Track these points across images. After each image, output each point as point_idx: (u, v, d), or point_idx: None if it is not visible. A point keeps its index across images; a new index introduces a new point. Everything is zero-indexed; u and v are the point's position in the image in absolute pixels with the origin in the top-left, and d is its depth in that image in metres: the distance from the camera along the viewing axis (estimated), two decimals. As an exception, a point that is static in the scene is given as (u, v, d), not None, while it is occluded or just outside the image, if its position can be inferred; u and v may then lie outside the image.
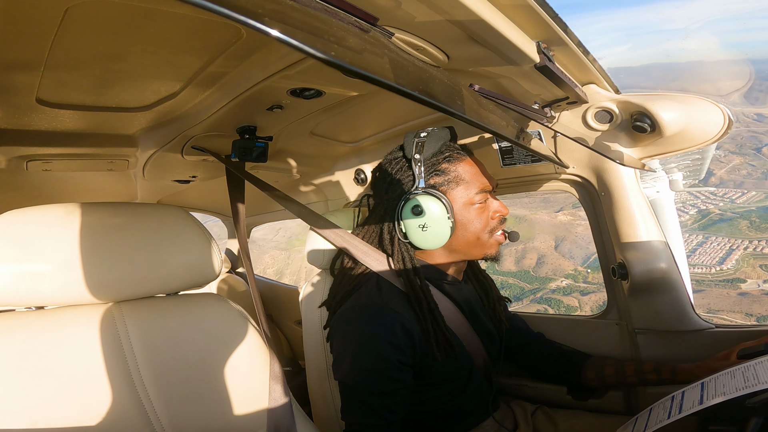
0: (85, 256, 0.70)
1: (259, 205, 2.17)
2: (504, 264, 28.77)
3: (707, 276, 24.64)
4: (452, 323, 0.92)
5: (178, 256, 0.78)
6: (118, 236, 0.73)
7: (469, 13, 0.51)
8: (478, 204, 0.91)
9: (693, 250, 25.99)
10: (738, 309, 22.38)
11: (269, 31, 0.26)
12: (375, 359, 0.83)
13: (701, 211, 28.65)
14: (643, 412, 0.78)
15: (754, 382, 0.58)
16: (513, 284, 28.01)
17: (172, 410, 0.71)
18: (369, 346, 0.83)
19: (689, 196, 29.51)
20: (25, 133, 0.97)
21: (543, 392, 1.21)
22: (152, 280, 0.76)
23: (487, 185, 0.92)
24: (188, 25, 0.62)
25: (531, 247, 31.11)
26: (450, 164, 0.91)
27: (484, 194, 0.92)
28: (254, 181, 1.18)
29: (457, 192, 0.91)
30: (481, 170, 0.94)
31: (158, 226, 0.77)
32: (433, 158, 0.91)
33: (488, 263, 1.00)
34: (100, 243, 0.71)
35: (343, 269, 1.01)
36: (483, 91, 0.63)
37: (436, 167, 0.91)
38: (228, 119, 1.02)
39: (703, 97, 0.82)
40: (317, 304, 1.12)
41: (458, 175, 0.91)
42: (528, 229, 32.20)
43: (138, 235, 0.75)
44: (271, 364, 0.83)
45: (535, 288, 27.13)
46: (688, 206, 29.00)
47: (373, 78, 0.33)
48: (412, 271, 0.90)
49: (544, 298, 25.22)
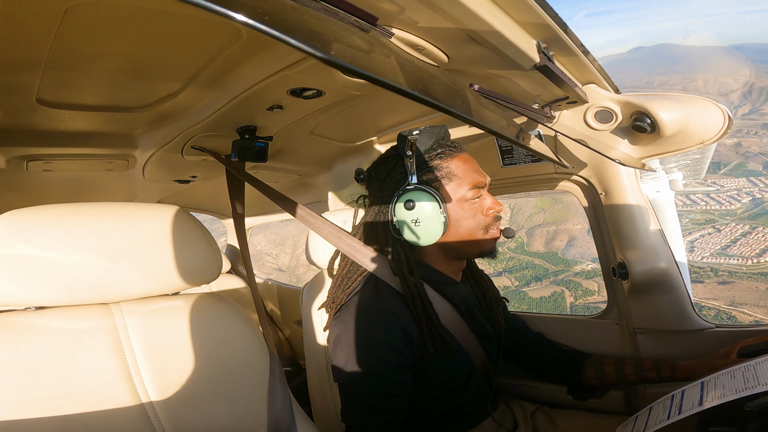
0: (85, 256, 0.70)
1: (259, 205, 2.16)
2: (533, 244, 28.60)
3: (741, 268, 24.13)
4: (449, 324, 0.92)
5: (178, 256, 0.78)
6: (118, 236, 0.73)
7: (469, 13, 0.50)
8: (471, 200, 0.91)
9: (734, 240, 25.39)
10: (763, 304, 22.06)
11: (269, 31, 0.26)
12: (374, 362, 0.83)
13: (755, 200, 27.89)
14: (643, 410, 0.78)
15: (754, 383, 0.58)
16: (538, 265, 27.50)
17: (172, 410, 0.71)
18: (368, 349, 0.84)
19: (746, 182, 28.68)
20: (25, 133, 0.97)
21: (543, 392, 1.21)
22: (152, 280, 0.76)
23: (479, 181, 0.92)
24: (188, 25, 0.62)
25: (563, 229, 30.89)
26: (442, 161, 0.91)
27: (477, 190, 0.92)
28: (253, 183, 1.18)
29: (449, 188, 0.91)
30: (473, 166, 0.93)
31: (158, 226, 0.77)
32: (425, 155, 0.91)
33: (485, 260, 1.00)
34: (100, 243, 0.71)
35: (340, 271, 1.01)
36: (483, 91, 0.63)
37: (429, 164, 0.91)
38: (228, 119, 1.02)
39: (702, 96, 0.82)
40: (317, 305, 1.12)
41: (450, 171, 0.91)
42: (563, 210, 31.93)
43: (138, 235, 0.75)
44: (271, 364, 0.83)
45: (558, 270, 26.64)
46: (742, 194, 28.25)
47: (372, 78, 0.33)
48: (407, 269, 0.90)
49: (564, 281, 24.82)
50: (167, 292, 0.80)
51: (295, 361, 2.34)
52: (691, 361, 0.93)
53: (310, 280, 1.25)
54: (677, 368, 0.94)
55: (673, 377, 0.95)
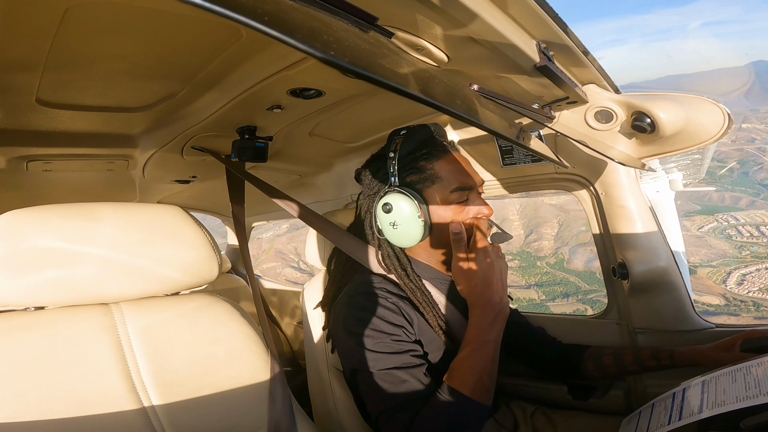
0: (85, 256, 0.70)
1: (259, 205, 2.17)
2: (573, 262, 27.86)
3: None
4: (450, 320, 0.92)
5: (177, 256, 0.78)
6: (118, 236, 0.73)
7: (469, 13, 0.50)
8: (456, 203, 0.89)
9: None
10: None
11: (269, 31, 0.26)
12: (380, 336, 0.82)
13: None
14: (645, 406, 0.78)
15: (755, 391, 0.58)
16: (572, 282, 26.59)
17: (171, 410, 0.71)
18: (371, 328, 0.83)
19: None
20: (25, 133, 0.97)
21: (543, 392, 1.21)
22: (152, 280, 0.76)
23: (465, 183, 0.90)
24: (188, 25, 0.62)
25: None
26: (427, 162, 0.90)
27: (462, 192, 0.90)
28: (254, 181, 1.18)
29: (432, 190, 0.89)
30: (460, 168, 0.91)
31: (158, 226, 0.77)
32: (410, 156, 0.90)
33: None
34: (100, 243, 0.71)
35: (336, 267, 1.03)
36: (483, 91, 0.63)
37: (413, 165, 0.90)
38: (228, 119, 1.02)
39: (702, 96, 0.82)
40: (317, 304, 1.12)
41: (434, 173, 0.89)
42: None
43: (138, 235, 0.75)
44: (271, 364, 0.83)
45: (590, 290, 25.70)
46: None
47: (372, 78, 0.33)
48: (399, 266, 0.91)
49: (591, 300, 24.26)
50: (167, 292, 0.80)
51: (295, 361, 2.34)
52: (690, 348, 0.93)
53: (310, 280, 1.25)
54: (676, 356, 0.94)
55: (672, 365, 0.95)
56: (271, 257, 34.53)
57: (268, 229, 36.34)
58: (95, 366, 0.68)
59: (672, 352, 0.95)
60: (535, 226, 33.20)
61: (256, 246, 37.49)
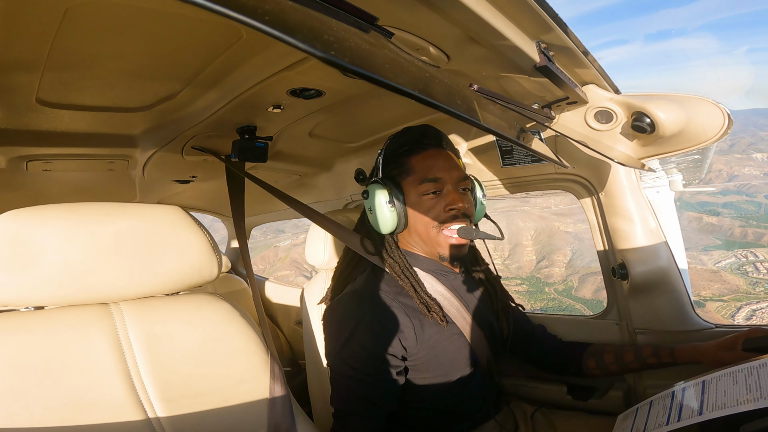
0: (85, 256, 0.70)
1: (259, 205, 2.17)
2: (581, 290, 27.13)
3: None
4: (447, 309, 0.94)
5: (177, 256, 0.78)
6: (118, 236, 0.73)
7: (469, 13, 0.51)
8: (429, 194, 0.93)
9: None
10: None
11: (270, 31, 0.26)
12: (360, 346, 0.86)
13: None
14: (643, 403, 0.78)
15: (756, 394, 0.57)
16: (577, 309, 25.31)
17: (171, 410, 0.71)
18: (356, 332, 0.87)
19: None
20: (25, 133, 0.97)
21: (543, 392, 1.21)
22: (152, 280, 0.76)
23: (435, 175, 0.92)
24: (188, 25, 0.62)
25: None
26: (407, 157, 0.96)
27: (435, 184, 0.92)
28: (255, 180, 1.18)
29: (407, 182, 0.94)
30: (437, 163, 0.94)
31: (158, 226, 0.77)
32: (394, 152, 0.97)
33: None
34: (100, 243, 0.71)
35: (339, 265, 1.07)
36: (483, 91, 0.63)
37: (397, 160, 0.96)
38: (228, 119, 1.02)
39: (702, 97, 0.82)
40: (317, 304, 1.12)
41: (411, 166, 0.95)
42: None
43: (138, 235, 0.75)
44: (271, 364, 0.83)
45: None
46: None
47: (373, 78, 0.33)
48: (386, 250, 0.96)
49: None
50: (167, 292, 0.80)
51: (295, 361, 2.34)
52: (692, 346, 0.93)
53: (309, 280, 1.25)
54: (677, 353, 0.94)
55: (673, 362, 0.95)
56: (286, 265, 34.70)
57: (285, 237, 36.30)
58: (95, 365, 0.68)
59: (673, 350, 0.95)
60: (548, 252, 33.05)
61: (272, 253, 37.36)
